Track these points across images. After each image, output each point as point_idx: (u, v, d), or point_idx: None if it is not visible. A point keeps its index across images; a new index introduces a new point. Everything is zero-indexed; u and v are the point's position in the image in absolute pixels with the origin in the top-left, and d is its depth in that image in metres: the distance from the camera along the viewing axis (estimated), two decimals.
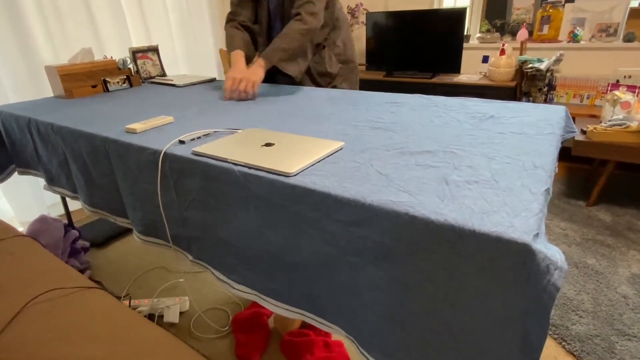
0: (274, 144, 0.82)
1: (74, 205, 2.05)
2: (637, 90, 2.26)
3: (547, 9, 2.65)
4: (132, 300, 1.48)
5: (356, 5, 3.28)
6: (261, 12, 1.54)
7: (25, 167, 1.48)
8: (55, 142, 1.21)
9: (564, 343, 1.26)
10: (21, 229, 2.06)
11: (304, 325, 1.33)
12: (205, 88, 1.62)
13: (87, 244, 1.81)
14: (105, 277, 1.69)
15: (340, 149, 0.80)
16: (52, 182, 1.37)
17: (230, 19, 1.56)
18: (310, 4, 1.38)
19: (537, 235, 0.49)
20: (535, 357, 0.52)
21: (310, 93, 1.39)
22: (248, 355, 1.23)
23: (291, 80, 1.49)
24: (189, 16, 2.83)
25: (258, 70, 1.34)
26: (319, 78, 1.57)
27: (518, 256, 0.48)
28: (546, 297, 0.48)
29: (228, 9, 1.60)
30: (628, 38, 2.41)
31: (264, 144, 0.83)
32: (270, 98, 1.34)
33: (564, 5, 2.62)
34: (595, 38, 2.57)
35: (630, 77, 2.41)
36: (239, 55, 1.43)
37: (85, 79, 1.60)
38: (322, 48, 1.55)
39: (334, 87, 1.59)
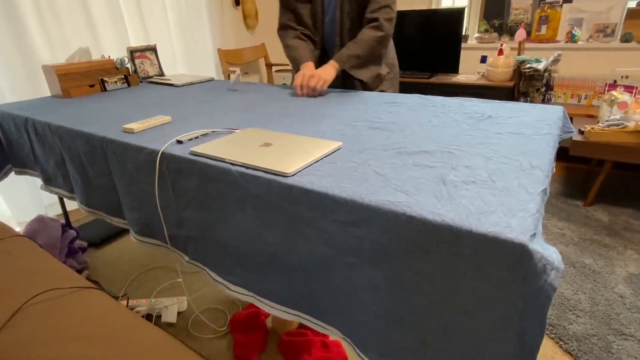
0: (271, 144, 0.82)
1: (72, 205, 2.04)
2: (634, 91, 2.26)
3: (545, 9, 2.65)
4: (129, 301, 1.47)
5: None
6: (315, 10, 1.45)
7: (22, 167, 1.48)
8: (53, 142, 1.21)
9: (561, 342, 1.26)
10: (18, 229, 2.06)
11: (302, 325, 1.33)
12: (204, 88, 1.62)
13: (84, 244, 1.81)
14: (102, 277, 1.68)
15: (338, 149, 0.80)
16: (49, 182, 1.36)
17: (288, 27, 1.47)
18: (388, 9, 1.33)
19: (534, 235, 0.49)
20: (532, 357, 0.52)
21: None
22: (246, 355, 1.23)
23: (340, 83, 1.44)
24: (187, 16, 2.83)
25: (330, 69, 1.33)
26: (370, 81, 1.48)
27: (515, 256, 0.48)
28: (543, 297, 0.48)
29: (226, 9, 1.58)
30: (625, 38, 2.42)
31: (261, 144, 0.83)
32: (268, 98, 1.34)
33: (561, 6, 2.63)
34: (592, 38, 2.57)
35: (627, 77, 2.42)
36: (311, 64, 1.39)
37: (83, 79, 1.60)
38: None
39: (382, 91, 1.50)
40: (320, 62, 1.41)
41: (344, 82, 1.46)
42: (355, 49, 1.34)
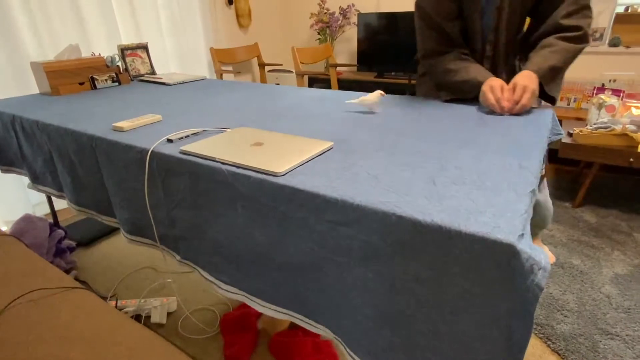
0: (263, 144, 0.82)
1: (60, 204, 2.01)
2: (621, 94, 2.30)
3: None
4: (118, 301, 1.46)
5: (348, 6, 3.29)
6: (472, 26, 1.19)
7: (9, 165, 1.45)
8: (41, 140, 1.19)
9: (549, 342, 1.27)
10: (5, 228, 2.02)
11: (293, 325, 1.33)
12: (196, 87, 1.61)
13: (73, 243, 1.78)
14: (91, 278, 1.66)
15: (330, 149, 0.80)
16: (36, 180, 1.34)
17: (438, 52, 1.20)
18: (588, 12, 1.07)
19: (522, 235, 0.50)
20: (520, 356, 0.53)
21: (300, 93, 1.39)
22: (236, 356, 1.22)
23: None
24: (179, 14, 2.81)
25: (534, 79, 1.04)
26: None
27: (503, 256, 0.49)
28: (530, 297, 0.49)
29: (219, 8, 1.57)
30: (613, 43, 2.47)
31: (253, 143, 0.82)
32: (260, 98, 1.34)
33: None
34: None
35: (615, 81, 2.46)
36: (496, 78, 1.09)
37: (72, 76, 1.58)
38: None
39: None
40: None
41: None
42: (553, 60, 1.06)
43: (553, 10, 1.09)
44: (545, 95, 1.10)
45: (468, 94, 1.13)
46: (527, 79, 1.03)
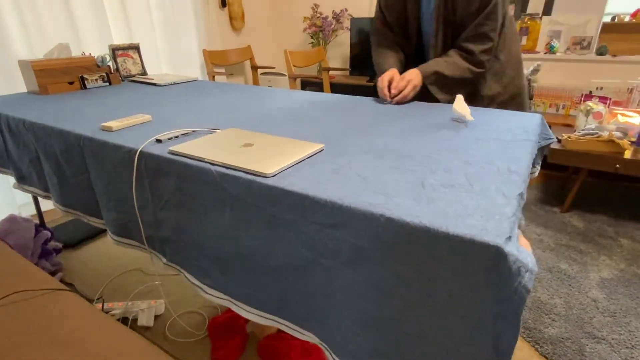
0: (253, 145, 0.82)
1: (46, 205, 1.98)
2: (608, 102, 2.35)
3: (526, 20, 2.73)
4: (105, 304, 1.43)
5: (341, 10, 3.31)
6: (410, 21, 1.33)
7: None
8: (27, 139, 1.17)
9: (537, 346, 1.28)
10: None
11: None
12: (187, 88, 1.60)
13: (59, 245, 1.75)
14: (78, 280, 1.63)
15: (320, 151, 0.80)
16: (22, 180, 1.32)
17: (382, 29, 1.39)
18: (486, 40, 1.18)
19: (509, 238, 0.50)
20: (507, 358, 0.53)
21: (291, 95, 1.39)
22: None
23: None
24: (172, 15, 2.79)
25: (419, 75, 1.21)
26: (472, 100, 1.27)
27: (490, 259, 0.49)
28: (517, 299, 0.49)
29: (213, 10, 1.57)
30: (600, 51, 2.51)
31: (242, 144, 0.82)
32: (251, 99, 1.34)
33: (541, 18, 2.71)
34: (570, 50, 2.66)
35: (602, 88, 2.51)
36: (395, 71, 1.27)
37: (62, 75, 1.56)
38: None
39: None
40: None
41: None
42: (443, 68, 1.22)
43: (464, 29, 1.23)
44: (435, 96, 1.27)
45: (378, 75, 1.32)
46: (412, 75, 1.21)
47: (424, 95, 1.25)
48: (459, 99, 1.03)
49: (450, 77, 1.23)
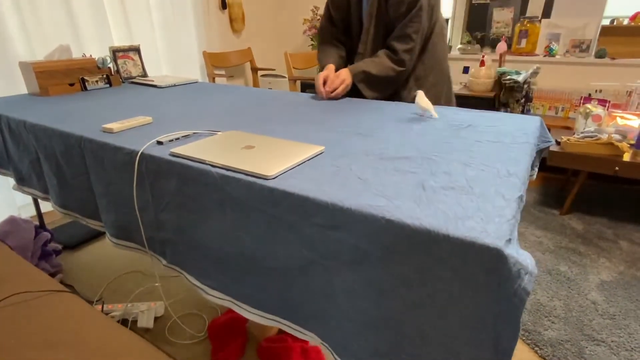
0: (254, 147, 0.82)
1: (46, 206, 1.97)
2: (607, 104, 2.35)
3: (525, 23, 2.74)
4: (105, 305, 1.43)
5: None
6: (353, 20, 1.43)
7: None
8: (27, 140, 1.17)
9: (536, 348, 1.28)
10: None
11: (282, 331, 1.31)
12: (188, 90, 1.60)
13: (59, 246, 1.75)
14: (77, 281, 1.63)
15: (321, 153, 0.80)
16: (22, 182, 1.32)
17: (327, 26, 1.51)
18: (408, 40, 1.29)
19: (509, 240, 0.50)
20: None
21: (291, 97, 1.39)
22: None
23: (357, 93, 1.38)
24: (172, 17, 2.80)
25: (349, 75, 1.33)
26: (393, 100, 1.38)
27: (490, 261, 0.49)
28: (517, 301, 0.49)
29: (213, 12, 1.59)
30: (599, 54, 2.52)
31: (243, 146, 0.82)
32: (251, 101, 1.34)
33: (540, 21, 2.72)
34: (569, 53, 2.67)
35: (601, 91, 2.52)
36: (332, 67, 1.40)
37: (62, 77, 1.56)
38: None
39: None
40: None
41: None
42: (370, 67, 1.32)
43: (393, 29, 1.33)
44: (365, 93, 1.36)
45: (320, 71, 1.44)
46: (345, 74, 1.32)
47: (353, 92, 1.36)
48: (421, 94, 1.08)
49: (376, 75, 1.32)
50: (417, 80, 1.40)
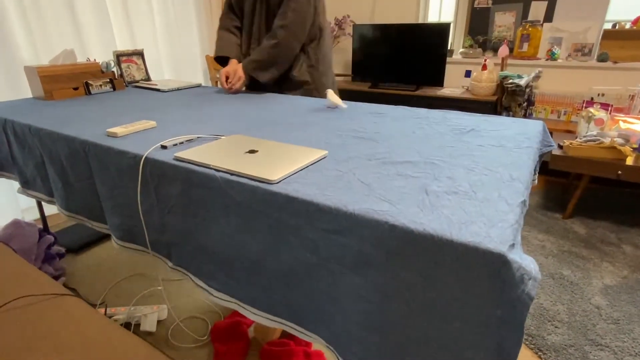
0: (257, 151, 0.82)
1: (50, 209, 1.99)
2: (609, 108, 2.35)
3: (527, 27, 2.75)
4: (108, 308, 1.44)
5: (343, 17, 3.33)
6: (246, 10, 1.61)
7: None
8: (32, 144, 1.18)
9: (540, 353, 1.28)
10: None
11: (284, 334, 1.31)
12: (191, 94, 1.61)
13: (62, 249, 1.76)
14: (80, 284, 1.64)
15: (324, 158, 0.81)
16: (27, 185, 1.33)
17: (226, 13, 1.65)
18: (284, 16, 1.46)
19: (512, 245, 0.51)
20: None
21: (295, 101, 1.40)
22: None
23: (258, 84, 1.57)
24: (175, 21, 2.82)
25: (242, 69, 1.53)
26: (283, 83, 1.60)
27: (494, 266, 0.49)
28: (520, 306, 0.49)
29: (215, 16, 1.65)
30: (602, 58, 2.52)
31: (247, 150, 0.83)
32: (255, 105, 1.35)
33: (542, 25, 2.72)
34: (571, 57, 2.67)
35: (603, 95, 2.52)
36: (234, 61, 1.59)
37: (67, 81, 1.57)
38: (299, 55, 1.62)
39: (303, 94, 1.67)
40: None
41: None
42: (254, 55, 1.52)
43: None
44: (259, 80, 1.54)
45: (214, 56, 1.65)
46: (240, 71, 1.53)
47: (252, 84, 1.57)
48: (330, 92, 1.27)
49: (261, 60, 1.50)
50: (310, 67, 1.60)
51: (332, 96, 1.26)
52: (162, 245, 0.93)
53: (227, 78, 1.54)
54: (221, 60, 1.64)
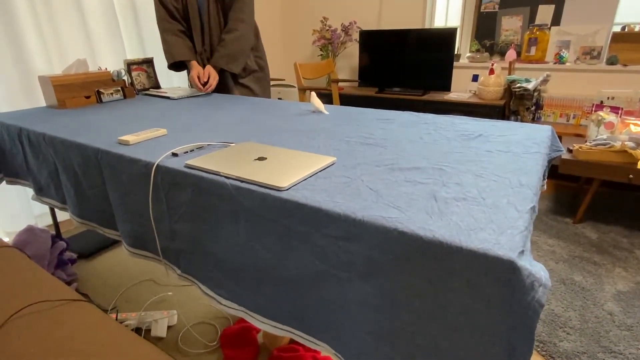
0: (266, 158, 0.83)
1: (62, 215, 2.02)
2: (620, 111, 2.33)
3: (534, 31, 2.74)
4: (119, 314, 1.45)
5: (349, 23, 3.35)
6: (192, 11, 1.72)
7: (14, 176, 1.47)
8: (46, 152, 1.20)
9: None
10: (7, 239, 2.02)
11: (294, 340, 1.31)
12: (200, 101, 1.63)
13: (74, 255, 1.78)
14: (92, 290, 1.66)
15: (332, 164, 0.81)
16: (40, 192, 1.35)
17: (167, 27, 1.74)
18: (240, 10, 1.65)
19: (522, 252, 0.51)
20: None
21: (302, 108, 1.41)
22: None
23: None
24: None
25: (212, 67, 1.73)
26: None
27: (503, 273, 0.49)
28: (531, 313, 0.49)
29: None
30: (611, 61, 2.50)
31: (256, 158, 0.84)
32: (262, 111, 1.36)
33: (550, 28, 2.71)
34: (580, 60, 2.65)
35: (613, 98, 2.49)
36: (195, 63, 1.77)
37: (79, 90, 1.61)
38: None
39: (247, 86, 1.88)
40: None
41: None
42: (223, 50, 1.69)
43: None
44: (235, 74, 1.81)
45: (169, 63, 1.79)
46: (208, 69, 1.72)
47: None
48: (313, 95, 1.34)
49: (231, 53, 1.70)
50: (257, 57, 1.88)
51: (314, 100, 1.34)
52: (172, 252, 0.94)
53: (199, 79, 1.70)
54: (175, 65, 1.78)
